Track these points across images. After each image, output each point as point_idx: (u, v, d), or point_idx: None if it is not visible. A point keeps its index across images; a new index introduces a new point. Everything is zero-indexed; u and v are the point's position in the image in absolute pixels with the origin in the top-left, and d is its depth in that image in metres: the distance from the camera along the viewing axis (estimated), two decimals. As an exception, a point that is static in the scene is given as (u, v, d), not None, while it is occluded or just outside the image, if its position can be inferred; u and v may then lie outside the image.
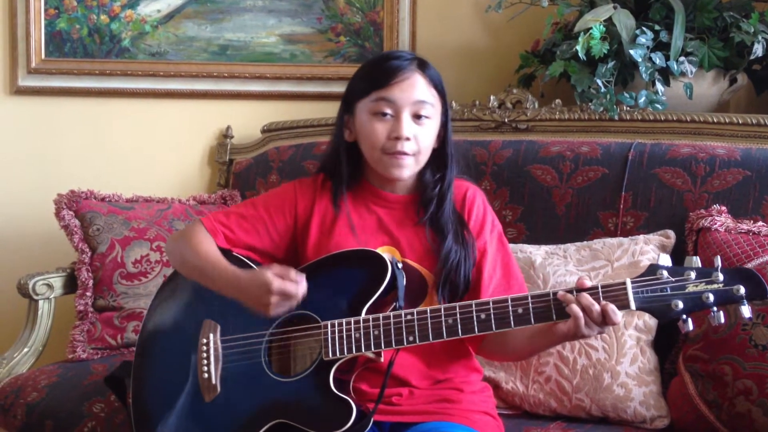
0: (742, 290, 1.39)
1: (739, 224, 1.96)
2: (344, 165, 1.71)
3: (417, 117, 1.63)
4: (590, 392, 1.93)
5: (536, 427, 1.91)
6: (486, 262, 1.69)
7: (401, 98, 1.62)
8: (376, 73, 1.64)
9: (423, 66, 1.65)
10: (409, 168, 1.66)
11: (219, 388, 1.63)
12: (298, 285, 1.55)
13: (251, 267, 1.68)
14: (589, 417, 1.95)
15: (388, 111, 1.62)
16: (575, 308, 1.46)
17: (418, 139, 1.64)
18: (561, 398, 1.96)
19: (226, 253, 1.70)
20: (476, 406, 1.69)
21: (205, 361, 1.65)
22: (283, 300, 1.55)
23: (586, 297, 1.46)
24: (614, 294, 1.45)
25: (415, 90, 1.63)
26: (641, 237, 2.05)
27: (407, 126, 1.62)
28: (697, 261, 1.43)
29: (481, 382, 1.77)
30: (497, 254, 1.72)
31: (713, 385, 1.84)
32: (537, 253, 2.10)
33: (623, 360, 1.92)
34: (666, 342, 2.00)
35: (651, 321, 1.95)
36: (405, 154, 1.63)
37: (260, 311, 1.58)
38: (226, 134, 2.87)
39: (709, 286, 1.40)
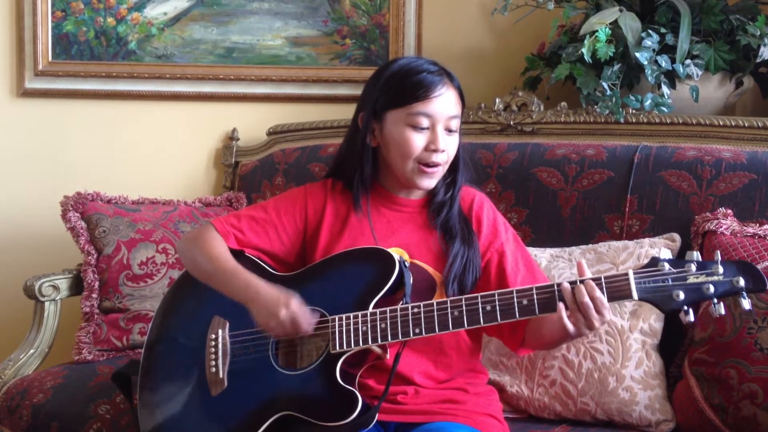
0: (742, 282, 1.42)
1: (744, 227, 1.96)
2: (368, 169, 1.73)
3: (448, 130, 1.68)
4: (595, 396, 1.93)
5: (541, 430, 1.91)
6: (507, 261, 1.71)
7: (439, 113, 1.66)
8: (412, 86, 1.66)
9: (452, 78, 1.70)
10: (437, 178, 1.71)
11: (226, 383, 1.64)
12: (311, 320, 1.58)
13: (263, 268, 1.70)
14: (594, 421, 1.95)
15: (426, 124, 1.66)
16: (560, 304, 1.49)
17: (449, 151, 1.69)
18: (566, 402, 1.95)
19: (238, 253, 1.71)
20: (481, 408, 1.70)
21: (213, 356, 1.66)
22: (290, 323, 1.57)
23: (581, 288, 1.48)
24: (617, 284, 1.47)
25: (450, 105, 1.68)
26: (647, 240, 2.05)
27: (442, 139, 1.67)
28: (697, 255, 1.46)
29: (487, 385, 1.78)
30: (516, 252, 1.74)
31: (719, 388, 1.84)
32: (542, 255, 2.10)
33: (628, 363, 1.92)
34: (671, 345, 1.99)
35: (656, 324, 1.95)
36: (438, 165, 1.68)
37: (263, 323, 1.60)
38: (231, 136, 2.87)
39: (710, 278, 1.43)
